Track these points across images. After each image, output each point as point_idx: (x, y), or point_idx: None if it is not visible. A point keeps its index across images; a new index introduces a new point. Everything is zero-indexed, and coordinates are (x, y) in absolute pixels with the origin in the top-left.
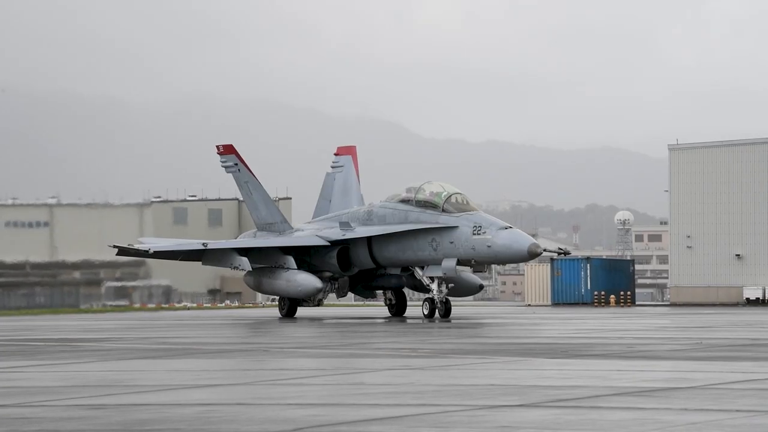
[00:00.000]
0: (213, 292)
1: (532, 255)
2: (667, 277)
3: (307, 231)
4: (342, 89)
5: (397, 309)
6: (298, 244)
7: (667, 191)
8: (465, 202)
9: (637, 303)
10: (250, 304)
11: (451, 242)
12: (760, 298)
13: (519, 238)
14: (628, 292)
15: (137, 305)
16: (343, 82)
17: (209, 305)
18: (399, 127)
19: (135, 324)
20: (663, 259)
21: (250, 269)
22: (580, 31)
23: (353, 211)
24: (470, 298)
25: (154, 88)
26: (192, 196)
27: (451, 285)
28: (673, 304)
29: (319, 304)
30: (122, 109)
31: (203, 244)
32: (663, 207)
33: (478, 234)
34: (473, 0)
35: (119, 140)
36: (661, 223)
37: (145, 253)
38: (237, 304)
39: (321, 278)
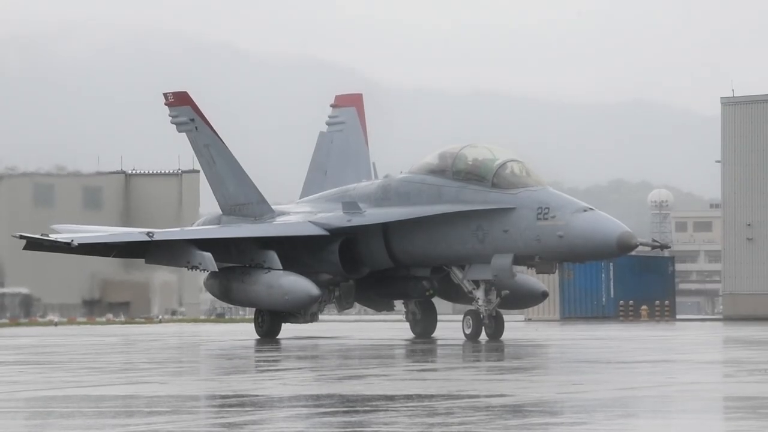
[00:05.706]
0: (90, 304)
1: (623, 248)
2: (719, 281)
3: (295, 215)
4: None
5: (424, 326)
6: (284, 233)
7: (719, 162)
8: (525, 173)
9: (678, 316)
10: (142, 319)
11: (506, 231)
12: None
13: (605, 224)
14: (666, 302)
15: None
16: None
17: (84, 319)
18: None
19: None
20: (714, 256)
21: (216, 270)
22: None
23: (362, 186)
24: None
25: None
26: (61, 168)
27: (505, 292)
28: (727, 318)
29: (313, 318)
30: None
31: (148, 233)
32: (714, 183)
33: (545, 218)
34: None
35: None
36: (712, 206)
37: (66, 246)
38: (123, 319)
39: (317, 282)
